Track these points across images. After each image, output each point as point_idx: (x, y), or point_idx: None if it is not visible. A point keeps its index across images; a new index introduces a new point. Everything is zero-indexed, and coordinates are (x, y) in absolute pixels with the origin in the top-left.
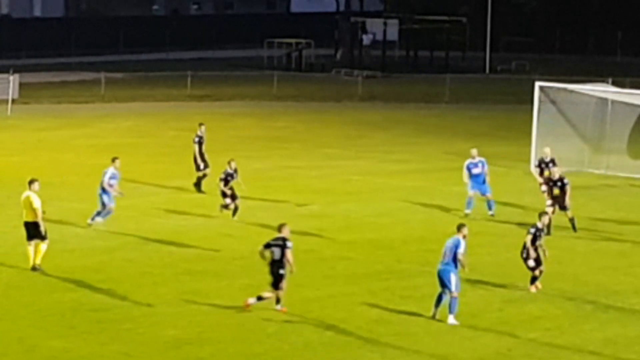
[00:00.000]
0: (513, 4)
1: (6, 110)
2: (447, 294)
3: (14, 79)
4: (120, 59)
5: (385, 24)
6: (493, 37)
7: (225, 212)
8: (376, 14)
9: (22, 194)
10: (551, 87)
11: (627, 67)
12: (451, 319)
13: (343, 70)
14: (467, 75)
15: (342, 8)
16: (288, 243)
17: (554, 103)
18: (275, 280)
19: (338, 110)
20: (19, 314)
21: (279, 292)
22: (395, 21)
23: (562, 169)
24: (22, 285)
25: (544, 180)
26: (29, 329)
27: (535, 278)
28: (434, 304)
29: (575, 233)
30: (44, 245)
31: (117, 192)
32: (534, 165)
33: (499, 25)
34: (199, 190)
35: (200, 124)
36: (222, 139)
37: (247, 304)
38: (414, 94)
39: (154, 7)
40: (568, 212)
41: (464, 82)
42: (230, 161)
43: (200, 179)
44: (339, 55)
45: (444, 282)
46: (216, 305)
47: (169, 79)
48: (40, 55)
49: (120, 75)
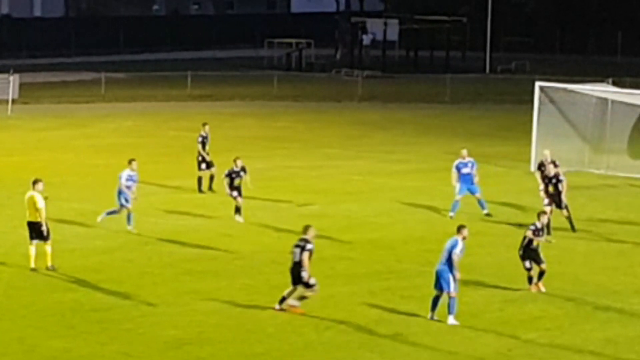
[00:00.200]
0: (513, 4)
1: (6, 110)
2: (444, 294)
3: (14, 79)
4: (120, 59)
5: (385, 24)
6: (493, 37)
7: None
8: (376, 14)
9: (26, 194)
10: (551, 87)
11: (627, 67)
12: (451, 319)
13: (343, 70)
14: (467, 75)
15: (342, 8)
16: (308, 245)
17: (554, 103)
18: (294, 281)
19: (338, 110)
20: (19, 314)
21: (306, 292)
22: (396, 21)
23: (563, 170)
24: (22, 285)
25: (541, 178)
26: (29, 329)
27: (531, 278)
28: (430, 308)
29: (575, 233)
30: (48, 247)
31: (133, 196)
32: (535, 168)
33: (499, 25)
34: (200, 189)
35: (204, 124)
36: (222, 139)
37: (293, 305)
38: (414, 94)
39: (154, 7)
40: (564, 210)
41: (464, 82)
42: (236, 159)
43: (201, 179)
44: (339, 55)
45: (442, 283)
46: (216, 305)
47: (169, 79)
48: (40, 55)
49: (120, 75)
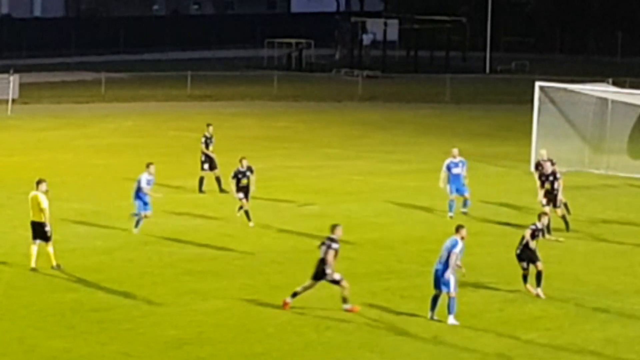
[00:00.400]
0: (513, 4)
1: (6, 110)
2: (444, 294)
3: (14, 79)
4: (120, 59)
5: (385, 24)
6: (493, 37)
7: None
8: (376, 14)
9: (30, 194)
10: (551, 87)
11: (627, 67)
12: (451, 319)
13: (343, 70)
14: (467, 75)
15: (342, 8)
16: (333, 244)
17: (554, 103)
18: (315, 276)
19: (338, 110)
20: (19, 314)
21: (342, 284)
22: (396, 21)
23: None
24: (23, 285)
25: (538, 175)
26: (29, 329)
27: (526, 277)
28: (430, 308)
29: (569, 232)
30: (50, 247)
31: (156, 194)
32: (533, 168)
33: (499, 25)
34: (200, 189)
35: (208, 125)
36: (222, 139)
37: (347, 310)
38: (414, 94)
39: (154, 7)
40: (558, 209)
41: (464, 82)
42: (242, 159)
43: (203, 179)
44: (338, 54)
45: (441, 283)
46: (216, 305)
47: (169, 79)
48: (40, 55)
49: (120, 75)
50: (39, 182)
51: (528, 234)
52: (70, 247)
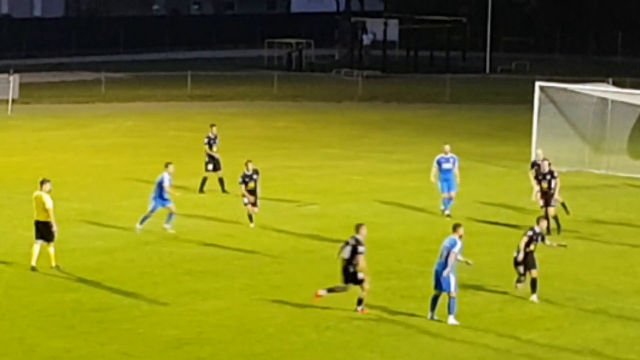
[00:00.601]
0: (513, 4)
1: (6, 110)
2: (444, 294)
3: (14, 79)
4: (120, 59)
5: (385, 24)
6: (493, 37)
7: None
8: (376, 14)
9: (33, 194)
10: (551, 87)
11: (627, 67)
12: (451, 319)
13: (343, 70)
14: (467, 75)
15: (342, 8)
16: (360, 248)
17: (554, 103)
18: (346, 279)
19: (338, 110)
20: (19, 314)
21: (363, 286)
22: (396, 21)
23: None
24: (23, 285)
25: (535, 175)
26: (29, 329)
27: (519, 280)
28: (430, 308)
29: (559, 234)
30: (51, 247)
31: (175, 193)
32: (528, 168)
33: (499, 25)
34: (201, 189)
35: (212, 125)
36: (222, 139)
37: (317, 294)
38: (414, 94)
39: (154, 7)
40: (551, 208)
41: (464, 82)
42: (247, 162)
43: (206, 180)
44: (337, 54)
45: (442, 283)
46: (216, 305)
47: (169, 79)
48: (40, 55)
49: (120, 75)
50: (42, 182)
51: (524, 241)
52: (71, 247)
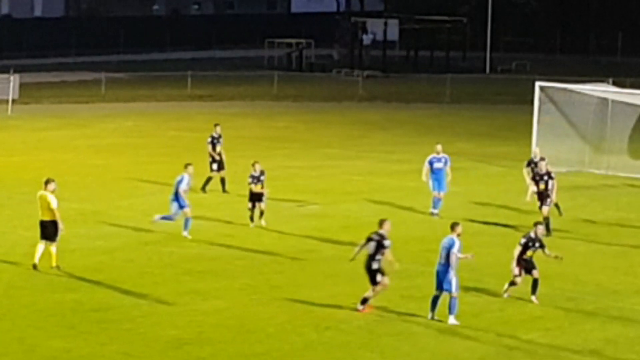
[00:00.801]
0: (513, 4)
1: (6, 110)
2: (445, 294)
3: (14, 79)
4: (120, 59)
5: (385, 24)
6: (493, 37)
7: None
8: (376, 14)
9: (37, 193)
10: (551, 87)
11: (628, 67)
12: (451, 319)
13: (343, 71)
14: (467, 75)
15: (342, 8)
16: (385, 242)
17: (554, 103)
18: (371, 277)
19: (338, 110)
20: (19, 314)
21: (375, 287)
22: (396, 21)
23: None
24: (23, 285)
25: (532, 176)
26: (29, 329)
27: (513, 282)
28: (430, 308)
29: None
30: (53, 247)
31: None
32: (524, 165)
33: (499, 25)
34: (203, 188)
35: (216, 125)
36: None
37: (358, 310)
38: (414, 94)
39: (154, 7)
40: (544, 209)
41: (464, 82)
42: (255, 163)
43: (210, 179)
44: (336, 54)
45: (443, 283)
46: (216, 305)
47: (169, 79)
48: (40, 55)
49: (120, 75)
50: (47, 182)
51: (518, 250)
52: (71, 247)
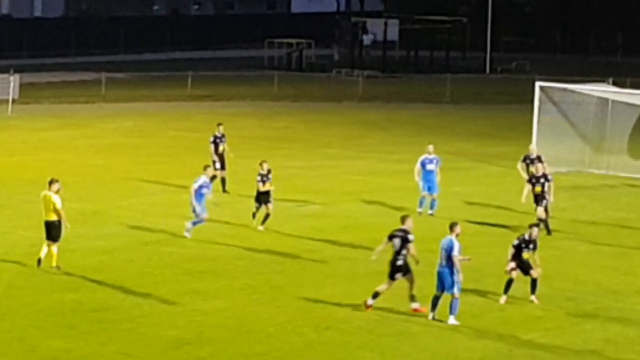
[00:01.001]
0: (513, 4)
1: (6, 110)
2: (446, 295)
3: (14, 79)
4: (120, 59)
5: (385, 24)
6: (493, 37)
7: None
8: (376, 14)
9: (41, 194)
10: (551, 87)
11: (628, 67)
12: (452, 320)
13: (343, 71)
14: (467, 75)
15: (342, 8)
16: (410, 236)
17: (554, 103)
18: (392, 271)
19: (338, 111)
20: (19, 314)
21: (391, 282)
22: (396, 21)
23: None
24: (23, 285)
25: (528, 176)
26: (29, 329)
27: (509, 286)
28: (430, 308)
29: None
30: (55, 247)
31: (213, 203)
32: (520, 161)
33: (499, 25)
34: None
35: (219, 124)
36: None
37: (367, 305)
38: (414, 94)
39: (154, 7)
40: (539, 210)
41: (464, 82)
42: (262, 162)
43: (215, 177)
44: (336, 54)
45: (445, 284)
46: (216, 305)
47: (169, 79)
48: (40, 55)
49: (120, 75)
50: (51, 182)
51: (511, 252)
52: (71, 247)
